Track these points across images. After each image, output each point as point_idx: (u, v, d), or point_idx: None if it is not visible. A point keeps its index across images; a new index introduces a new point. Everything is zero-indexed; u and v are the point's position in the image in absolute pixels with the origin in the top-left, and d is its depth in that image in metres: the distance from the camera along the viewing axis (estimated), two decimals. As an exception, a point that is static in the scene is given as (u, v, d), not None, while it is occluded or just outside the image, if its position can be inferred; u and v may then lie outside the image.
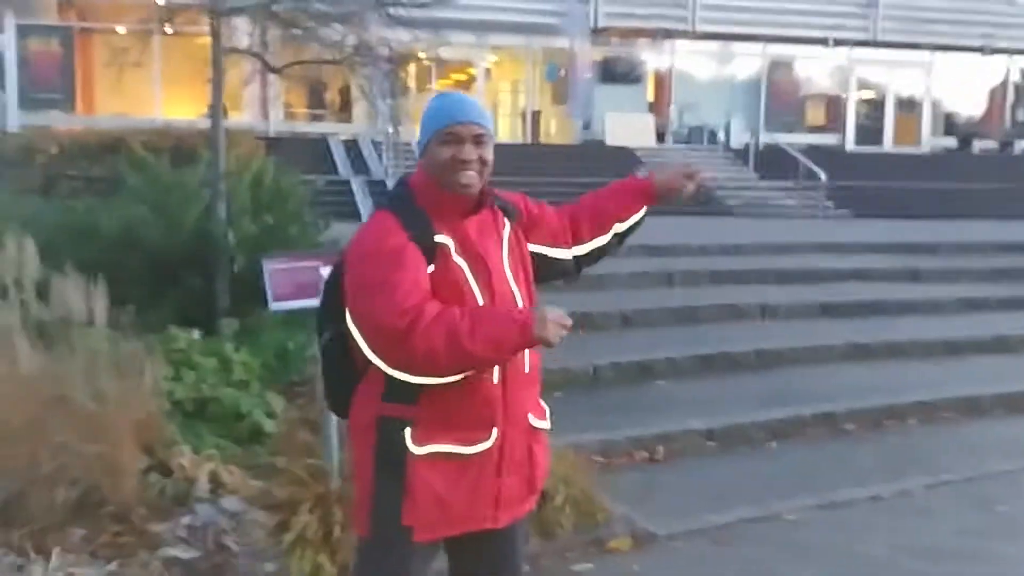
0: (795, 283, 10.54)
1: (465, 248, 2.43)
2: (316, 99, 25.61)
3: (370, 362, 2.40)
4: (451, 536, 2.52)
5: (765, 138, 24.79)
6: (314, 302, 2.90)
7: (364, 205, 15.31)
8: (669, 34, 25.80)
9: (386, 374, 2.38)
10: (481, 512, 2.49)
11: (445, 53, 26.21)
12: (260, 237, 5.94)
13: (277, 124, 22.57)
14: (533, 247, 2.66)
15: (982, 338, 8.92)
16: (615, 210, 2.80)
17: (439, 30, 25.12)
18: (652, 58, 26.68)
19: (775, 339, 8.38)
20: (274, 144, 18.17)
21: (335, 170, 18.52)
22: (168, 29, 12.52)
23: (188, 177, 6.42)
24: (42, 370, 4.00)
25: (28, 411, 3.86)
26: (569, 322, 2.28)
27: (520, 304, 2.49)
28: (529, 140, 25.64)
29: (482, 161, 2.44)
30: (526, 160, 21.16)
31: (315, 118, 24.67)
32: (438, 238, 2.39)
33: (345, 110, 25.27)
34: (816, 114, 28.77)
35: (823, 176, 18.09)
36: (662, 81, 26.93)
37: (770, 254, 11.86)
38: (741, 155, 21.94)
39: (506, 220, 2.58)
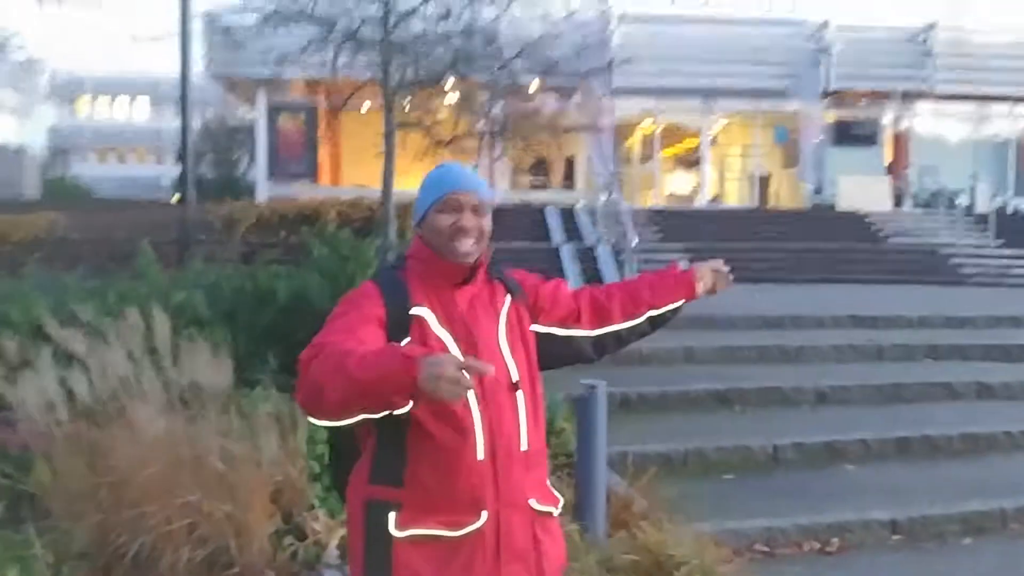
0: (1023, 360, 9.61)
1: (451, 319, 2.39)
2: (541, 169, 26.16)
3: (366, 441, 2.39)
4: None
5: (1015, 202, 23.09)
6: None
7: (571, 271, 15.35)
8: (907, 95, 24.64)
9: (373, 455, 2.35)
10: None
11: (673, 118, 26.27)
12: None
13: (503, 194, 23.11)
14: (540, 327, 2.58)
15: None
16: (651, 298, 2.72)
17: (665, 97, 25.17)
18: (889, 119, 25.57)
19: (988, 422, 7.61)
20: (496, 214, 18.66)
21: (549, 237, 18.72)
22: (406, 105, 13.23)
23: (366, 247, 6.62)
24: (177, 432, 4.16)
25: (159, 470, 4.02)
26: (469, 384, 1.97)
27: (515, 378, 2.40)
28: (757, 204, 25.05)
29: (481, 230, 2.43)
30: (753, 225, 20.71)
31: (538, 187, 25.15)
32: (415, 311, 2.36)
33: (569, 179, 25.69)
34: (1074, 177, 26.56)
35: (1071, 244, 16.61)
36: (900, 143, 25.71)
37: (1000, 328, 10.89)
38: (983, 220, 20.47)
39: (508, 296, 2.52)
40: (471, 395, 2.30)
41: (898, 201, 24.16)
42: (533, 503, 2.43)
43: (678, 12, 23.92)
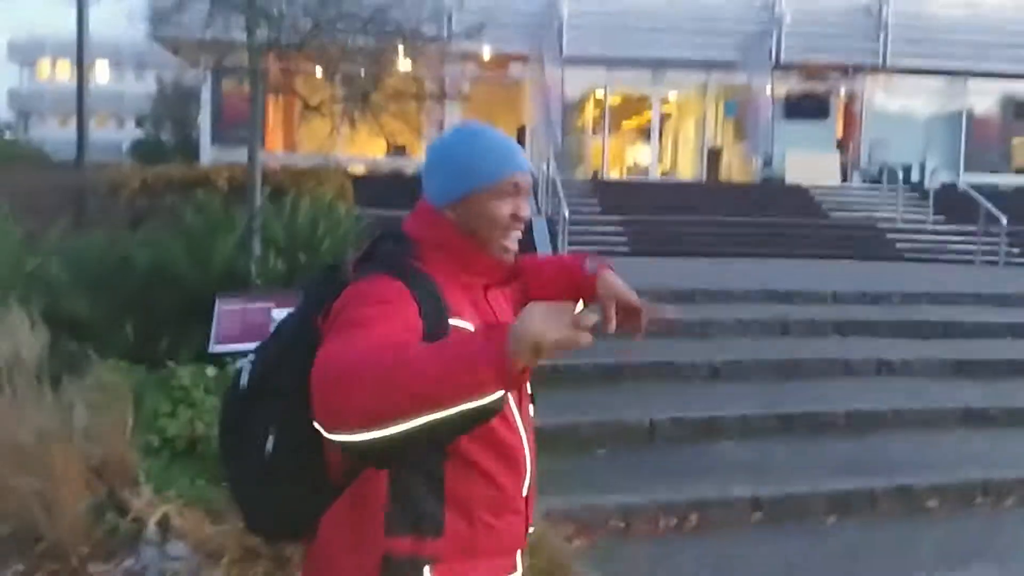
0: (933, 337, 9.58)
1: None
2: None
3: (355, 476, 1.85)
4: None
5: (965, 179, 23.12)
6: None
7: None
8: (859, 69, 24.59)
9: (389, 498, 1.84)
10: None
11: (624, 90, 26.10)
12: (288, 274, 5.90)
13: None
14: None
15: None
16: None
17: (614, 68, 24.95)
18: (841, 93, 25.52)
19: (878, 400, 7.58)
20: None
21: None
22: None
23: (235, 215, 6.49)
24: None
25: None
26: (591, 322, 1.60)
27: (530, 390, 2.01)
28: (706, 178, 24.99)
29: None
30: (701, 199, 20.64)
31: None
32: (455, 322, 1.82)
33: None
34: (1025, 154, 26.68)
35: (1004, 220, 16.60)
36: (852, 118, 25.68)
37: (914, 304, 10.85)
38: (927, 196, 20.52)
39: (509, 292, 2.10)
40: (516, 414, 1.94)
41: (846, 176, 24.17)
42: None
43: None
